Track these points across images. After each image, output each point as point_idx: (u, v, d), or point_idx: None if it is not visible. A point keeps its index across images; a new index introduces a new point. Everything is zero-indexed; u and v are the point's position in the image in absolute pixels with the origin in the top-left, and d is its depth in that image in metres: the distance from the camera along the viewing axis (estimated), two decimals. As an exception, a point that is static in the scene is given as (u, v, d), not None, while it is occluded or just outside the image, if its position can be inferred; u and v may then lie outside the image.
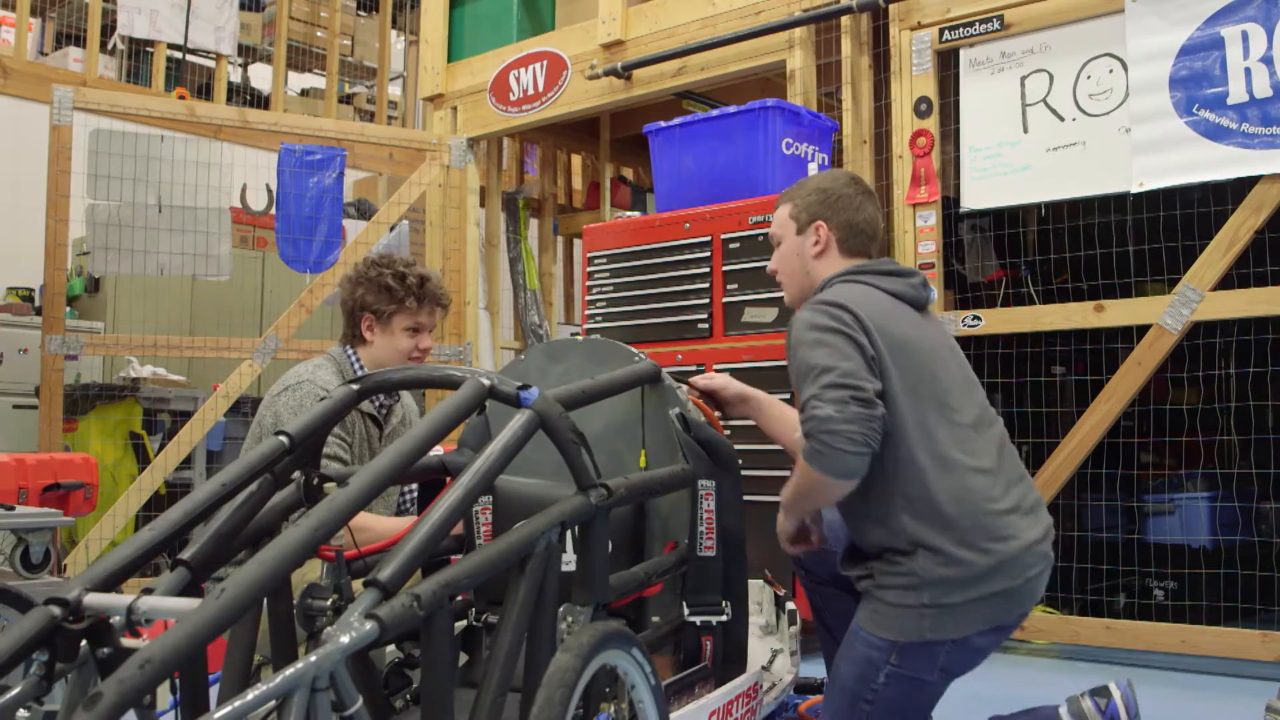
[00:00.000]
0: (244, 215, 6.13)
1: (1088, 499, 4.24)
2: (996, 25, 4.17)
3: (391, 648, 2.21)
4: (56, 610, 1.47)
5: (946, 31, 4.28)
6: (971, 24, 4.23)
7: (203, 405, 5.31)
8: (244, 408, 5.65)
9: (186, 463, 5.39)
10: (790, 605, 2.81)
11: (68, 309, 5.52)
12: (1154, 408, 4.06)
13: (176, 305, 6.24)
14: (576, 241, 7.24)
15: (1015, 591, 2.11)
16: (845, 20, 4.53)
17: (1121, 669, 3.78)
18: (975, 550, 2.08)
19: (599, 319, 4.40)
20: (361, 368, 2.94)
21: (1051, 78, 4.08)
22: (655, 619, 2.27)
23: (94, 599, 1.49)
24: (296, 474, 1.94)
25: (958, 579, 2.08)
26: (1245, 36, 3.69)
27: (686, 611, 2.24)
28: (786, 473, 2.30)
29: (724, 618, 2.24)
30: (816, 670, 2.97)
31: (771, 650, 2.69)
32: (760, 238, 3.98)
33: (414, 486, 2.96)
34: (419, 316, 2.95)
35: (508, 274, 6.58)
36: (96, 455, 4.68)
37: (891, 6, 4.38)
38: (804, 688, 2.96)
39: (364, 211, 7.00)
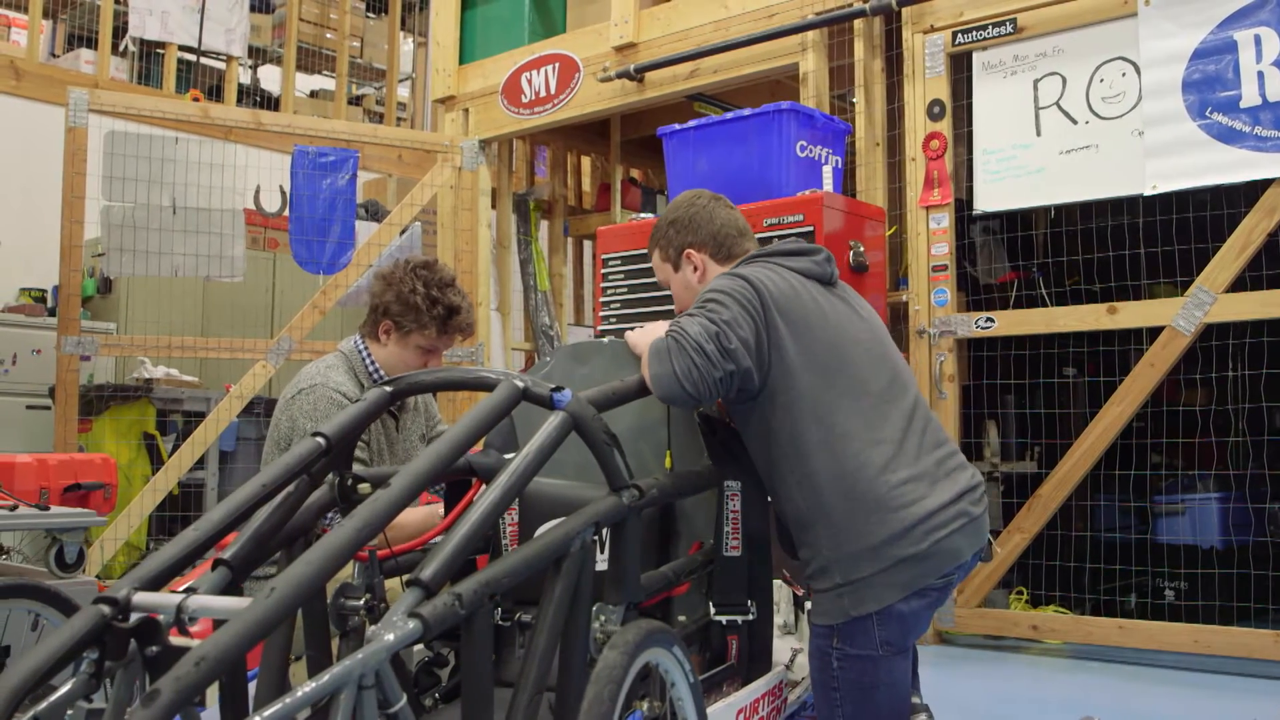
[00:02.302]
0: (256, 216, 6.16)
1: (1100, 499, 4.26)
2: (1009, 29, 4.20)
3: (419, 646, 2.23)
4: (106, 609, 1.49)
5: (960, 35, 4.31)
6: (984, 27, 4.25)
7: (216, 406, 5.33)
8: (256, 408, 5.67)
9: (199, 463, 5.41)
10: (810, 605, 2.83)
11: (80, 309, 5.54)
12: (1166, 409, 4.08)
13: (188, 306, 6.27)
14: (586, 243, 7.27)
15: (925, 555, 2.11)
16: (858, 23, 4.56)
17: (1134, 669, 3.81)
18: (867, 522, 2.11)
19: (613, 320, 4.42)
20: (374, 364, 2.95)
21: (1064, 81, 4.10)
22: (681, 618, 2.30)
23: (142, 598, 1.52)
24: (330, 475, 1.97)
25: (858, 553, 2.11)
26: (1258, 40, 3.71)
27: (713, 611, 2.27)
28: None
29: (750, 617, 2.26)
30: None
31: (792, 649, 2.71)
32: (775, 240, 4.00)
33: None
34: (437, 342, 2.95)
35: (518, 275, 6.60)
36: (111, 455, 4.70)
37: (905, 10, 4.41)
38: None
39: (373, 213, 7.01)
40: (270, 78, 8.55)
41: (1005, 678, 3.82)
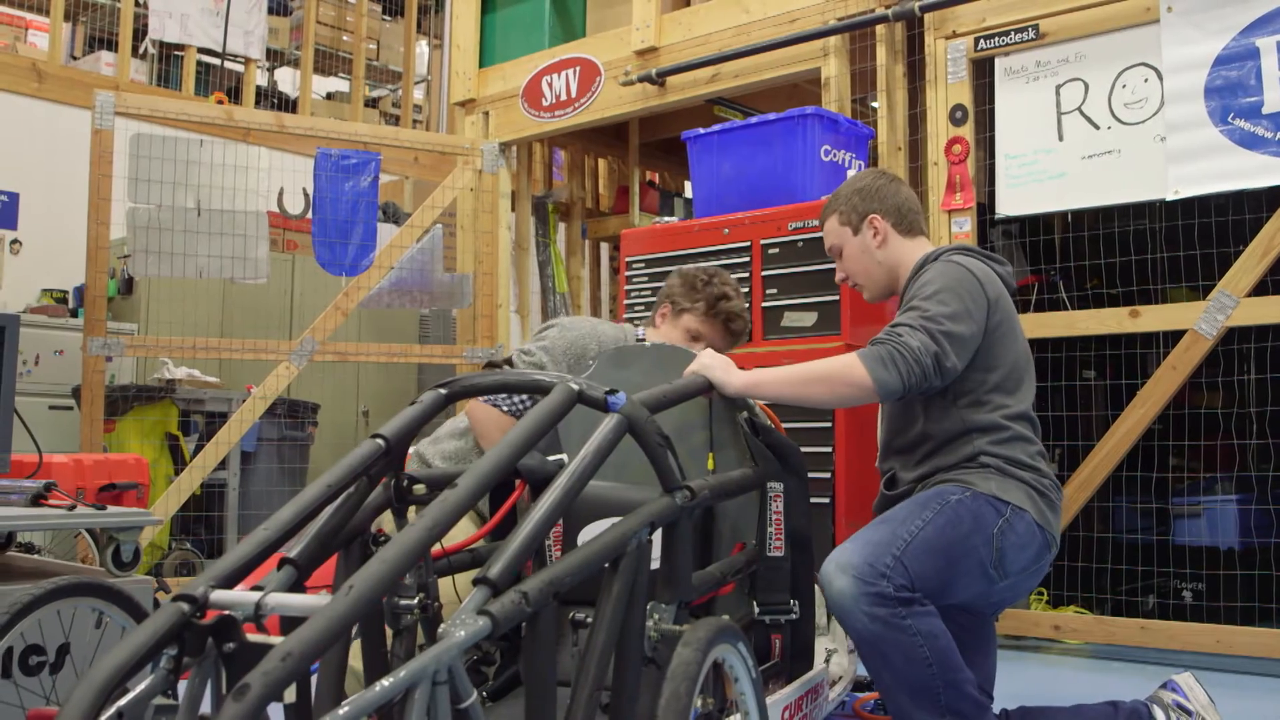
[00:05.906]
0: (276, 218, 6.20)
1: (1123, 500, 4.30)
2: (1032, 35, 4.23)
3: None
4: (185, 607, 1.53)
5: (982, 40, 4.34)
6: (1007, 33, 4.29)
7: (240, 407, 5.37)
8: (277, 409, 5.72)
9: (220, 464, 5.45)
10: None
11: (101, 311, 5.58)
12: (1188, 411, 4.11)
13: (208, 307, 6.31)
14: (604, 245, 7.31)
15: (1056, 513, 2.41)
16: (880, 29, 4.59)
17: (1155, 668, 3.83)
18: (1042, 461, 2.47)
19: (637, 323, 4.45)
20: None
21: (1087, 86, 4.14)
22: (724, 617, 2.33)
23: (220, 595, 1.56)
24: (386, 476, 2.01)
25: (1026, 462, 2.40)
26: (1280, 47, 3.75)
27: (756, 610, 2.31)
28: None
29: (793, 616, 2.30)
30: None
31: (826, 649, 2.75)
32: (800, 243, 4.05)
33: None
34: (702, 326, 3.02)
35: (536, 277, 6.64)
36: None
37: (927, 16, 4.44)
38: (858, 685, 3.03)
39: (392, 215, 7.06)
40: (286, 80, 8.60)
41: (1026, 679, 3.86)
